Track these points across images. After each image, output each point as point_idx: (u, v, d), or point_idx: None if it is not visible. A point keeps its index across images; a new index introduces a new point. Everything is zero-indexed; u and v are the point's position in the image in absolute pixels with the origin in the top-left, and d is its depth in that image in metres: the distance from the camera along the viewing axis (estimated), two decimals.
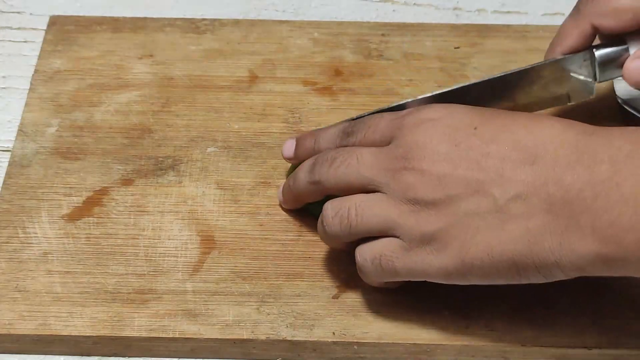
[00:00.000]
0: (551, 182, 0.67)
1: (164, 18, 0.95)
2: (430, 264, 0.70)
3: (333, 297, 0.76)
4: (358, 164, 0.72)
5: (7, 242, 0.79)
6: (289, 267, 0.78)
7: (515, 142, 0.69)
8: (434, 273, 0.70)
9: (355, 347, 0.74)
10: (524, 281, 0.69)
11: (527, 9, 0.98)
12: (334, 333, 0.74)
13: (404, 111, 0.74)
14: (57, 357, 0.76)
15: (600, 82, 0.80)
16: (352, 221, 0.72)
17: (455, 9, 0.98)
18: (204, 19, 0.95)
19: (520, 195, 0.67)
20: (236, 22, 0.95)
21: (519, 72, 0.79)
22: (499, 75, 0.79)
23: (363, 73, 0.91)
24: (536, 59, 0.91)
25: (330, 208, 0.73)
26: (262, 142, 0.86)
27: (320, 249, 0.79)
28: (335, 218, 0.73)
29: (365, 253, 0.73)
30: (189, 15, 0.97)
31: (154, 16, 0.96)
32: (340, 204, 0.73)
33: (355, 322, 0.75)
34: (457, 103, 0.74)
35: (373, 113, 0.78)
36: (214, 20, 0.95)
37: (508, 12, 0.98)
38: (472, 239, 0.68)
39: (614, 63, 0.79)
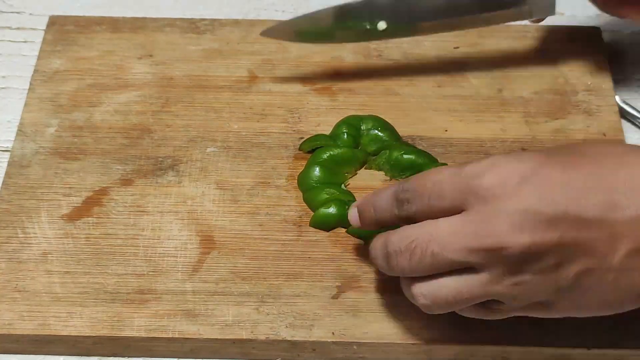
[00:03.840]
0: None
1: (164, 18, 0.95)
2: (538, 315, 0.69)
3: (333, 297, 0.76)
4: (442, 249, 0.66)
5: (7, 242, 0.79)
6: (289, 267, 0.78)
7: (612, 192, 0.65)
8: (537, 316, 0.69)
9: (355, 347, 0.74)
10: (625, 310, 0.68)
11: None
12: (333, 333, 0.74)
13: (469, 169, 0.67)
14: (56, 357, 0.76)
15: None
16: (451, 305, 0.68)
17: None
18: (203, 19, 0.95)
19: (632, 251, 0.65)
20: (236, 22, 0.95)
21: None
22: None
23: (362, 73, 0.91)
24: (536, 59, 0.91)
25: (422, 295, 0.68)
26: (261, 142, 0.86)
27: (320, 249, 0.79)
28: (434, 305, 0.68)
29: (465, 311, 0.70)
30: (188, 15, 0.97)
31: (154, 16, 0.96)
32: (434, 291, 0.68)
33: (355, 322, 0.75)
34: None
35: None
36: (214, 20, 0.95)
37: None
38: (584, 297, 0.66)
39: None
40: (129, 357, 0.76)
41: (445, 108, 0.88)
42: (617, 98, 0.88)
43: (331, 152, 0.83)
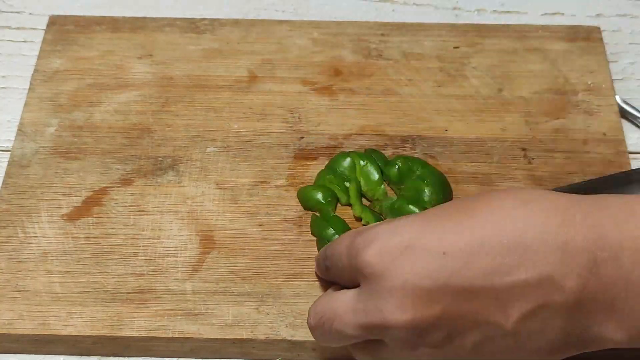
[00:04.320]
0: (554, 291, 0.61)
1: (164, 18, 0.95)
2: None
3: None
4: (343, 325, 0.67)
5: (7, 242, 0.79)
6: (289, 267, 0.78)
7: (495, 258, 0.62)
8: None
9: None
10: None
11: (527, 8, 0.98)
12: None
13: (358, 242, 0.66)
14: (56, 357, 0.76)
15: None
16: None
17: (454, 8, 0.98)
18: (203, 19, 0.95)
19: (525, 314, 0.62)
20: (236, 22, 0.95)
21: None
22: None
23: (362, 73, 0.91)
24: (536, 58, 0.91)
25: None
26: (261, 142, 0.86)
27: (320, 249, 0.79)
28: None
29: None
30: (188, 15, 0.97)
31: (154, 16, 0.96)
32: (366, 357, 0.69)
33: None
34: None
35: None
36: (214, 20, 0.95)
37: (507, 12, 0.98)
38: None
39: None
40: (129, 357, 0.76)
41: (445, 108, 0.88)
42: (617, 98, 0.88)
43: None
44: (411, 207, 0.79)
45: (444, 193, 0.81)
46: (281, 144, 0.86)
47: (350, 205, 0.81)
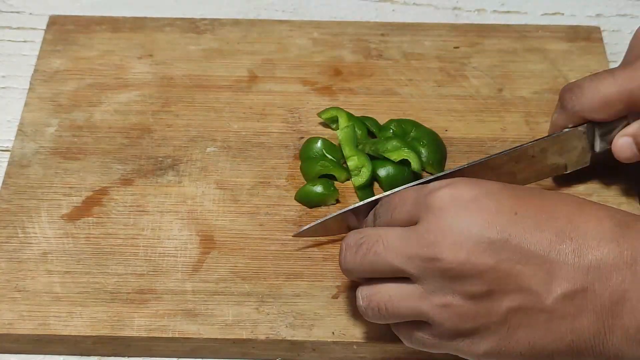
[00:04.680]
0: (597, 281, 0.64)
1: (164, 18, 0.95)
2: (462, 350, 0.67)
3: (333, 297, 0.76)
4: (385, 250, 0.67)
5: (7, 242, 0.79)
6: (289, 267, 0.78)
7: (558, 234, 0.65)
8: (467, 356, 0.67)
9: (355, 347, 0.74)
10: None
11: (527, 8, 0.98)
12: (333, 333, 0.74)
13: (430, 186, 0.68)
14: (56, 357, 0.76)
15: (598, 152, 0.79)
16: (383, 313, 0.68)
17: (454, 8, 0.98)
18: (203, 19, 0.95)
19: (567, 295, 0.64)
20: (236, 22, 0.95)
21: (520, 148, 0.77)
22: (498, 153, 0.77)
23: (363, 73, 0.91)
24: (536, 58, 0.91)
25: (361, 297, 0.69)
26: (261, 142, 0.86)
27: (320, 249, 0.79)
28: (368, 309, 0.68)
29: (399, 331, 0.70)
30: (188, 15, 0.97)
31: (154, 16, 0.96)
32: (370, 295, 0.68)
33: (355, 322, 0.75)
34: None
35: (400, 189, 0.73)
36: (214, 20, 0.95)
37: (507, 12, 0.98)
38: (513, 334, 0.65)
39: (612, 134, 0.77)
40: (129, 356, 0.76)
41: (445, 108, 0.88)
42: None
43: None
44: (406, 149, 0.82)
45: (440, 152, 0.84)
46: (281, 144, 0.86)
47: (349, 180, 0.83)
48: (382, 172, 0.82)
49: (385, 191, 0.82)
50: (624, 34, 0.96)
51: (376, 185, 0.83)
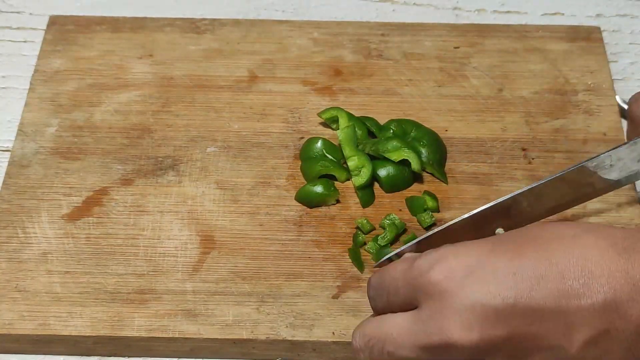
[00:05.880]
0: (618, 319, 0.62)
1: (164, 18, 0.95)
2: None
3: (333, 297, 0.76)
4: (396, 349, 0.65)
5: (7, 242, 0.79)
6: (289, 267, 0.78)
7: (563, 281, 0.62)
8: None
9: None
10: None
11: (527, 8, 0.98)
12: (333, 333, 0.74)
13: (419, 265, 0.65)
14: (56, 357, 0.76)
15: None
16: None
17: (454, 8, 0.98)
18: (203, 19, 0.95)
19: (590, 341, 0.62)
20: (236, 22, 0.95)
21: (549, 182, 0.73)
22: (525, 188, 0.73)
23: (363, 73, 0.91)
24: (536, 58, 0.91)
25: None
26: (262, 142, 0.86)
27: (320, 249, 0.79)
28: None
29: None
30: (188, 15, 0.97)
31: (154, 16, 0.96)
32: None
33: (355, 322, 0.75)
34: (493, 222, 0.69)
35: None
36: (214, 20, 0.95)
37: (508, 12, 0.98)
38: None
39: None
40: (129, 356, 0.76)
41: (445, 108, 0.88)
42: (617, 98, 0.88)
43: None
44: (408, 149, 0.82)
45: (440, 152, 0.84)
46: (281, 144, 0.86)
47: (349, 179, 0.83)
48: (382, 172, 0.82)
49: (386, 191, 0.82)
50: (624, 34, 0.96)
51: (376, 185, 0.83)
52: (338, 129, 0.85)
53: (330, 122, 0.86)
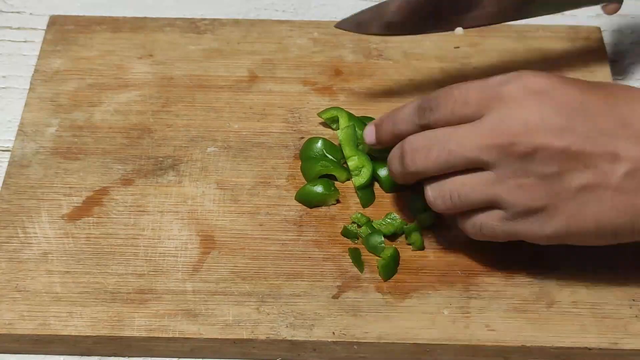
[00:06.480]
0: None
1: (164, 18, 0.95)
2: (532, 231, 0.72)
3: (333, 297, 0.76)
4: (459, 147, 0.72)
5: (7, 242, 0.79)
6: (289, 267, 0.78)
7: (621, 119, 0.70)
8: (534, 238, 0.73)
9: (355, 347, 0.74)
10: (617, 242, 0.72)
11: None
12: (333, 333, 0.74)
13: (495, 80, 0.73)
14: (57, 357, 0.76)
15: None
16: (455, 202, 0.73)
17: None
18: (203, 19, 0.95)
19: (630, 172, 0.70)
20: (236, 22, 0.95)
21: None
22: None
23: (363, 73, 0.91)
24: (536, 58, 0.91)
25: (430, 189, 0.74)
26: (262, 142, 0.86)
27: (320, 249, 0.79)
28: (438, 198, 0.74)
29: (466, 222, 0.74)
30: (188, 15, 0.97)
31: (154, 16, 0.96)
32: (442, 185, 0.73)
33: (355, 322, 0.75)
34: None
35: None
36: (214, 20, 0.95)
37: None
38: (581, 212, 0.71)
39: None
40: (129, 356, 0.76)
41: None
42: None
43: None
44: None
45: None
46: (281, 144, 0.86)
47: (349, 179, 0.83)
48: (383, 172, 0.82)
49: (386, 191, 0.82)
50: (624, 34, 0.96)
51: (376, 185, 0.83)
52: (338, 129, 0.85)
53: (330, 122, 0.86)
